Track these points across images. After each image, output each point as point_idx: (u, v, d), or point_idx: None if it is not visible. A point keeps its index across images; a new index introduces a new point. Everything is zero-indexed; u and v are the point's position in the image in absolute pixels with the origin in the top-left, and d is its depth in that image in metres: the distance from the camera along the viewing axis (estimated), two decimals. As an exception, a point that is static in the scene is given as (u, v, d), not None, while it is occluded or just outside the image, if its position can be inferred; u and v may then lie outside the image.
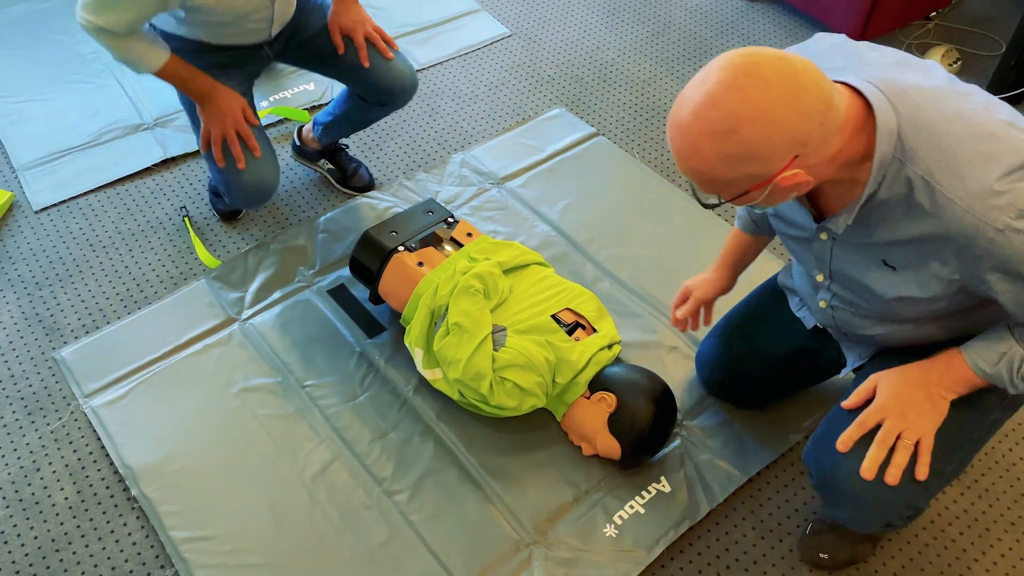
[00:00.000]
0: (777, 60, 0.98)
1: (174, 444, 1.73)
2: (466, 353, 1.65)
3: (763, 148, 0.99)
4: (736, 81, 0.97)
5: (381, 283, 1.86)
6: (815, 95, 0.99)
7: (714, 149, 1.00)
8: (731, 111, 0.97)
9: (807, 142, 1.00)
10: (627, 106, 2.53)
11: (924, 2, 2.72)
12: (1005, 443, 1.77)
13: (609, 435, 1.65)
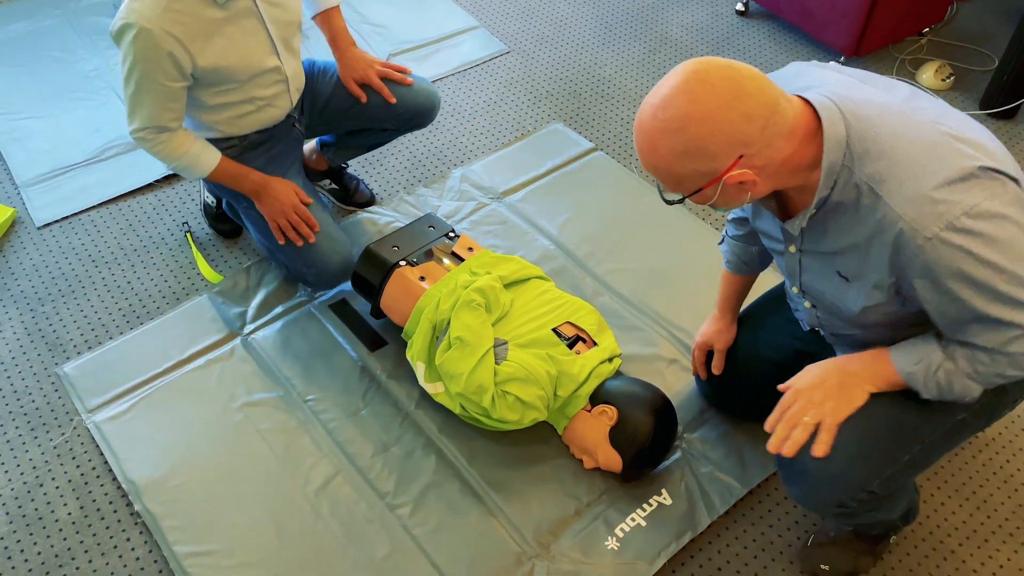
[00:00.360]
0: (725, 68, 1.09)
1: (177, 459, 1.74)
2: (468, 367, 1.66)
3: (709, 146, 1.09)
4: (687, 85, 1.08)
5: (383, 297, 1.87)
6: (758, 100, 1.08)
7: (667, 146, 1.11)
8: (681, 111, 1.08)
9: (750, 143, 1.09)
10: (625, 121, 2.55)
11: (917, 18, 2.75)
12: (1003, 454, 1.78)
13: (610, 448, 1.66)
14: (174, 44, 1.65)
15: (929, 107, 1.17)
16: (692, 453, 1.76)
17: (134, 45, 1.64)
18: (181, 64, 1.68)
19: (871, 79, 1.23)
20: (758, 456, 1.75)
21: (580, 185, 2.35)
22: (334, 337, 1.97)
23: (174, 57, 1.66)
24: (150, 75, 1.67)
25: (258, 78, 1.82)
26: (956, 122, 1.15)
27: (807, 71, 1.26)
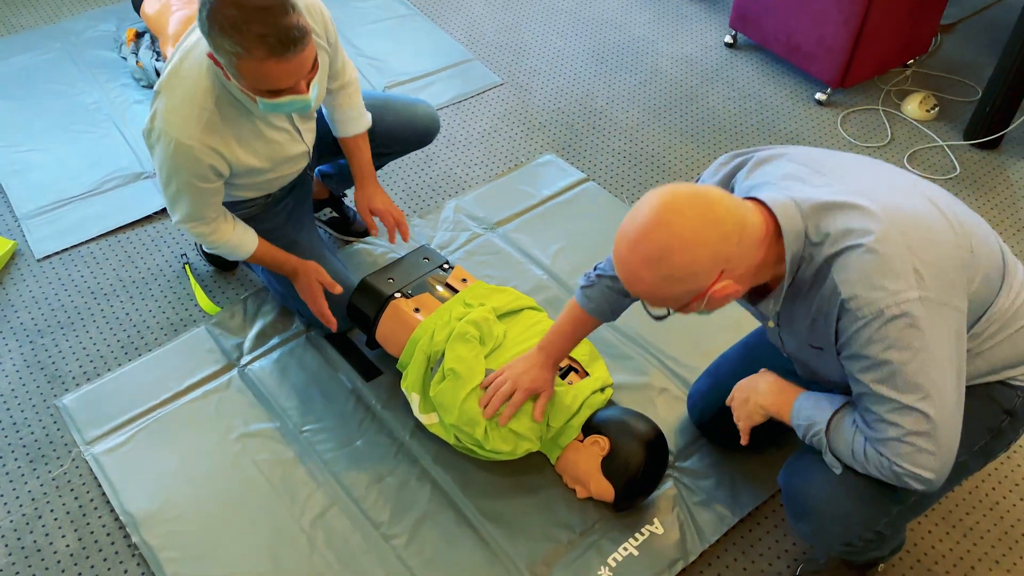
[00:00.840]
0: (692, 195, 1.15)
1: (174, 491, 1.76)
2: (460, 398, 1.69)
3: (692, 269, 1.15)
4: (660, 217, 1.14)
5: (378, 329, 1.90)
6: (729, 220, 1.15)
7: (651, 275, 1.16)
8: (660, 243, 1.14)
9: (729, 259, 1.16)
10: (617, 152, 2.60)
11: (902, 50, 2.81)
12: (988, 482, 1.81)
13: (602, 478, 1.68)
14: (214, 156, 1.66)
15: (879, 189, 1.23)
16: (683, 482, 1.79)
17: (173, 158, 1.64)
18: (220, 171, 1.70)
19: (820, 160, 1.29)
20: (749, 485, 1.78)
21: (572, 215, 2.39)
22: (330, 367, 1.99)
23: (214, 167, 1.68)
24: (190, 182, 1.68)
25: (287, 162, 1.85)
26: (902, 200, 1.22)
27: (756, 170, 1.31)
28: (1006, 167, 2.57)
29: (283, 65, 1.48)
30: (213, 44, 1.48)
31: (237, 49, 1.46)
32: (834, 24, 2.61)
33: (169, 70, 1.66)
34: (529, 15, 3.15)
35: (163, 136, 1.63)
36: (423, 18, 3.09)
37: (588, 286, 1.62)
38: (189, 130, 1.62)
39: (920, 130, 2.69)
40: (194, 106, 1.61)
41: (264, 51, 1.45)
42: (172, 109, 1.62)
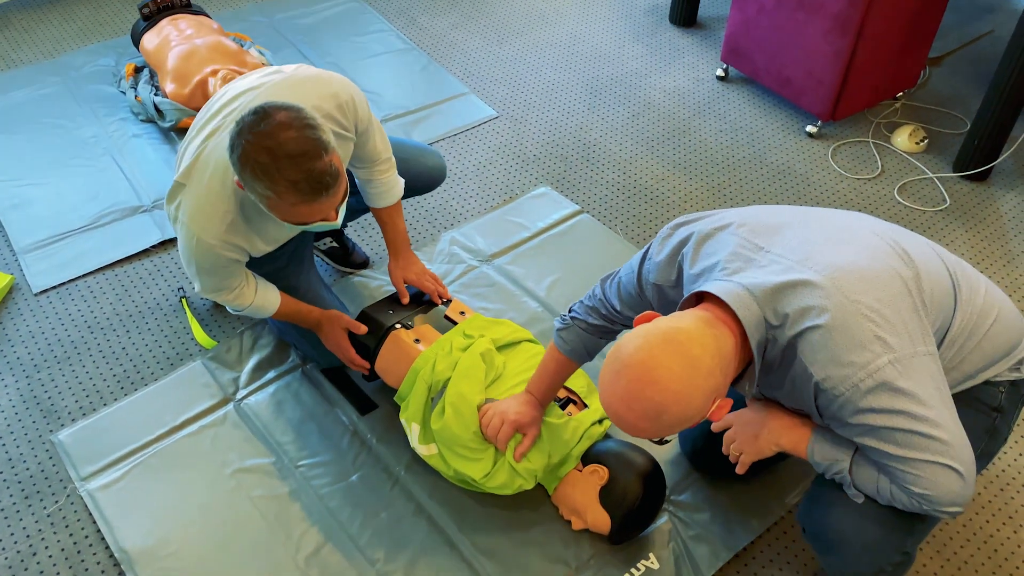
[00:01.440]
0: (667, 344, 1.15)
1: (169, 527, 1.76)
2: (463, 436, 1.70)
3: (690, 412, 1.16)
4: (649, 375, 1.14)
5: (378, 360, 1.91)
6: (706, 357, 1.16)
7: (651, 427, 1.18)
8: (655, 401, 1.14)
9: (718, 389, 1.19)
10: (610, 184, 2.62)
11: (891, 83, 2.85)
12: (982, 515, 1.82)
13: (600, 508, 1.68)
14: (235, 251, 1.68)
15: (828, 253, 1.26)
16: (678, 516, 1.79)
17: (195, 250, 1.66)
18: (241, 259, 1.73)
19: (759, 227, 1.31)
20: (744, 519, 1.78)
21: (567, 247, 2.41)
22: (326, 401, 2.00)
23: (235, 259, 1.70)
24: (212, 270, 1.71)
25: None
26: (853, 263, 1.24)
27: (700, 249, 1.33)
28: (995, 199, 2.60)
29: (313, 207, 1.50)
30: (243, 181, 1.49)
31: (268, 193, 1.47)
32: (824, 58, 2.65)
33: (192, 159, 1.65)
34: (523, 50, 3.19)
35: (185, 229, 1.65)
36: (420, 52, 3.13)
37: (563, 328, 1.63)
38: (212, 230, 1.63)
39: (910, 162, 2.72)
40: (217, 209, 1.62)
41: (296, 197, 1.46)
42: (196, 208, 1.63)
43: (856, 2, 2.49)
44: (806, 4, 2.61)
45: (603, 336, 1.62)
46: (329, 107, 1.68)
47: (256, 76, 1.75)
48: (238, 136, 1.46)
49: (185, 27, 2.80)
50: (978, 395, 1.40)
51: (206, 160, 1.64)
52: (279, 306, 1.88)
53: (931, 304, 1.27)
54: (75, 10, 3.32)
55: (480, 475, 1.70)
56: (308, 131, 1.46)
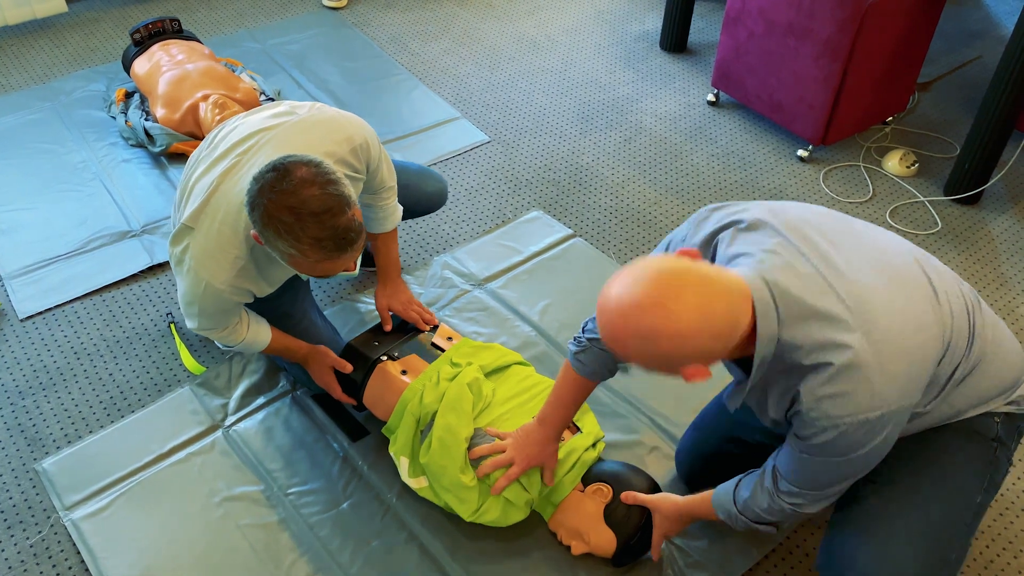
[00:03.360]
0: (699, 284, 1.11)
1: (155, 558, 1.72)
2: (455, 463, 1.67)
3: (676, 357, 1.12)
4: (661, 297, 1.09)
5: (366, 394, 1.88)
6: (724, 321, 1.12)
7: (636, 347, 1.13)
8: (653, 325, 1.10)
9: (712, 356, 1.14)
10: (602, 208, 2.62)
11: (881, 108, 2.87)
12: (982, 539, 1.80)
13: (605, 527, 1.65)
14: (243, 295, 1.67)
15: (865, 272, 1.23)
16: (675, 543, 1.76)
17: (202, 295, 1.64)
18: (246, 301, 1.71)
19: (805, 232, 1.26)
20: (741, 546, 1.75)
21: (559, 271, 2.39)
22: (316, 428, 1.97)
23: (240, 303, 1.69)
24: (214, 314, 1.70)
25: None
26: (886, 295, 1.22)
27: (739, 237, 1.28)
28: (987, 222, 2.61)
29: (337, 262, 1.49)
30: (265, 239, 1.47)
31: (291, 251, 1.46)
32: (814, 83, 2.66)
33: (201, 203, 1.62)
34: (515, 75, 3.20)
35: (193, 275, 1.63)
36: (412, 78, 3.14)
37: (580, 351, 1.60)
38: (222, 276, 1.61)
39: (901, 186, 2.73)
40: (228, 255, 1.60)
41: (320, 255, 1.46)
42: (205, 253, 1.61)
43: (846, 28, 2.51)
44: (796, 30, 2.63)
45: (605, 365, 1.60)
46: (343, 152, 1.67)
47: (268, 114, 1.71)
48: (258, 195, 1.44)
49: (176, 52, 2.80)
50: (975, 427, 1.39)
51: (216, 204, 1.61)
52: (270, 341, 1.87)
53: (949, 359, 1.28)
54: (66, 35, 3.32)
55: (468, 514, 1.67)
56: (330, 187, 1.44)
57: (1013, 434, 1.42)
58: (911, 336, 1.20)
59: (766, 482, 1.40)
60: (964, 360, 1.32)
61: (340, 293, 2.32)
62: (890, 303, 1.20)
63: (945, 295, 1.29)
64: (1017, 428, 1.43)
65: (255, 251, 1.64)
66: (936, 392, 1.32)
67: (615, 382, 2.08)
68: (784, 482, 1.37)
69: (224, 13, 3.52)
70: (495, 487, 1.66)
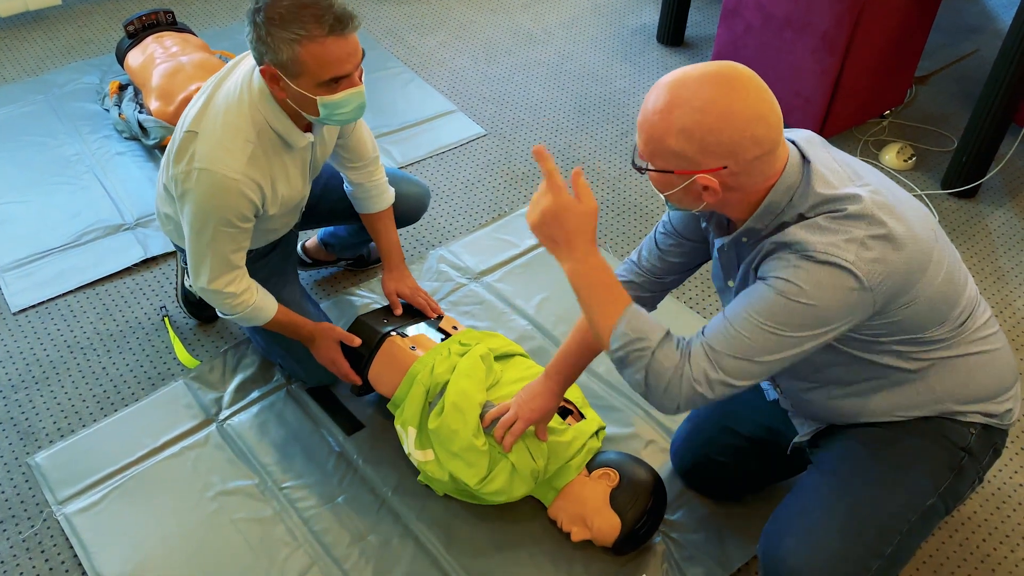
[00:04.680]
0: (764, 89, 1.17)
1: (149, 552, 1.70)
2: (469, 428, 1.65)
3: (710, 139, 1.14)
4: (731, 78, 1.15)
5: (372, 366, 1.86)
6: (771, 132, 1.16)
7: (679, 115, 1.15)
8: (711, 95, 1.14)
9: (739, 161, 1.16)
10: (599, 202, 2.61)
11: (878, 101, 2.86)
12: (979, 533, 1.79)
13: (610, 511, 1.65)
14: (255, 191, 1.64)
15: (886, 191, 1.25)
16: (672, 537, 1.76)
17: (214, 197, 1.61)
18: (256, 209, 1.68)
19: (857, 170, 1.29)
20: (738, 539, 1.75)
21: (556, 265, 2.38)
22: (311, 421, 1.96)
23: (253, 203, 1.66)
24: (225, 227, 1.65)
25: (295, 209, 1.84)
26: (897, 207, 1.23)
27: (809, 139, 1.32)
28: (984, 215, 2.61)
29: (342, 44, 1.54)
30: (272, 44, 1.51)
31: (298, 33, 1.49)
32: (811, 76, 2.65)
33: (200, 107, 1.64)
34: (511, 68, 3.19)
35: (203, 175, 1.60)
36: (408, 71, 3.12)
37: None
38: (234, 163, 1.60)
39: (898, 179, 2.73)
40: (238, 137, 1.61)
41: (323, 29, 1.51)
42: (215, 144, 1.60)
43: (843, 21, 2.50)
44: (793, 23, 2.62)
45: (645, 302, 1.58)
46: None
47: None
48: (256, 11, 1.51)
49: (170, 44, 2.78)
50: (946, 432, 1.38)
51: (216, 105, 1.64)
52: (275, 313, 1.83)
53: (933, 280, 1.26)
54: (59, 28, 3.30)
55: (475, 480, 1.65)
56: None
57: (987, 449, 1.41)
58: (916, 241, 1.21)
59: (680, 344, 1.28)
60: (945, 326, 1.30)
61: (336, 288, 2.31)
62: (904, 212, 1.22)
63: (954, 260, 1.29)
64: (993, 444, 1.41)
65: (263, 138, 1.63)
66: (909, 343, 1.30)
67: (611, 375, 2.07)
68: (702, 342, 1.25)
69: (218, 5, 3.50)
70: (504, 444, 1.65)
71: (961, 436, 1.38)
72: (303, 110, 1.61)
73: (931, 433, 1.38)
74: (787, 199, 1.21)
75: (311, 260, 2.31)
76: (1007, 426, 1.42)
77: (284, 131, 1.65)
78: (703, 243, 1.49)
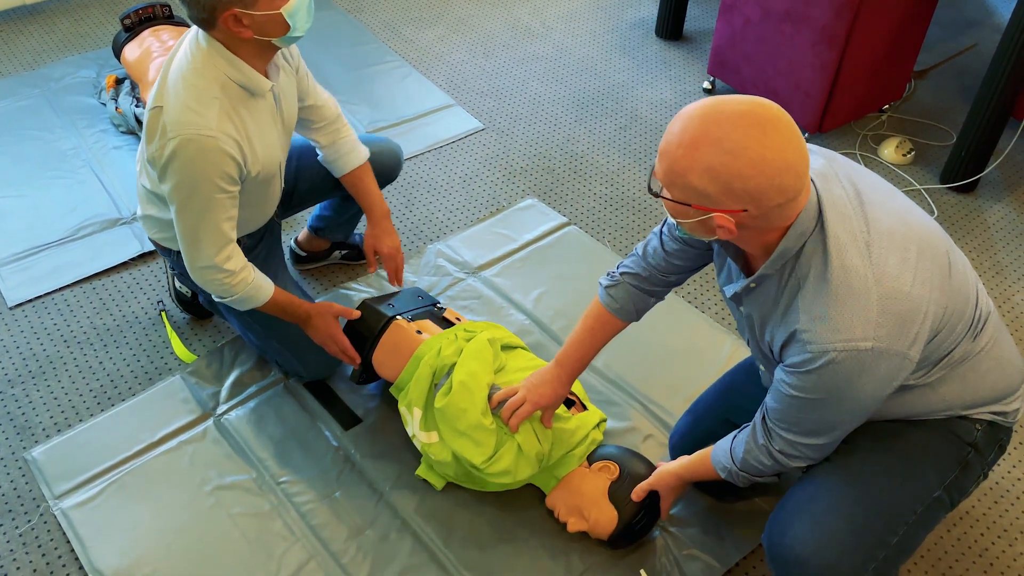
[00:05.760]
0: (797, 136, 1.12)
1: (146, 547, 1.70)
2: (477, 406, 1.65)
3: (736, 184, 1.11)
4: (762, 119, 1.10)
5: (378, 348, 1.86)
6: (797, 182, 1.12)
7: (707, 154, 1.11)
8: (743, 139, 1.09)
9: (761, 206, 1.13)
10: (597, 196, 2.60)
11: (877, 95, 2.85)
12: (976, 528, 1.79)
13: (608, 504, 1.65)
14: (234, 147, 1.62)
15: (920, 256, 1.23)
16: (670, 531, 1.75)
17: (195, 162, 1.58)
18: (240, 167, 1.65)
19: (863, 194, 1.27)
20: (736, 534, 1.75)
21: (554, 259, 2.38)
22: (308, 416, 1.95)
23: (236, 161, 1.63)
24: (213, 191, 1.62)
25: (272, 178, 1.80)
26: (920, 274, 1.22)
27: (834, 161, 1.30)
28: (982, 210, 2.60)
29: None
30: None
31: None
32: (810, 70, 2.65)
33: (156, 88, 1.63)
34: (510, 62, 3.18)
35: (180, 143, 1.57)
36: (406, 65, 3.11)
37: (612, 285, 1.58)
38: (206, 121, 1.57)
39: (897, 174, 2.72)
40: (203, 96, 1.59)
41: None
42: (182, 108, 1.58)
43: (842, 15, 2.49)
44: (792, 16, 2.61)
45: (653, 294, 1.58)
46: None
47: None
48: None
49: (167, 38, 2.76)
50: (954, 428, 1.39)
51: (172, 77, 1.62)
52: (272, 294, 1.80)
53: (946, 335, 1.27)
54: (56, 21, 3.28)
55: (481, 459, 1.64)
56: None
57: (992, 445, 1.42)
58: (915, 285, 1.20)
59: (759, 439, 1.39)
60: (960, 345, 1.31)
61: (332, 281, 2.30)
62: (904, 250, 1.21)
63: (961, 275, 1.29)
64: (999, 440, 1.42)
65: (228, 91, 1.62)
66: (928, 367, 1.31)
67: (609, 370, 2.07)
68: (775, 429, 1.35)
69: (216, -1, 3.48)
70: (510, 425, 1.65)
71: (968, 432, 1.38)
72: (272, 35, 1.58)
73: (938, 428, 1.38)
74: (799, 245, 1.20)
75: (305, 253, 2.30)
76: (1013, 423, 1.43)
77: (245, 79, 1.63)
78: (709, 249, 1.49)
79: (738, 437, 1.47)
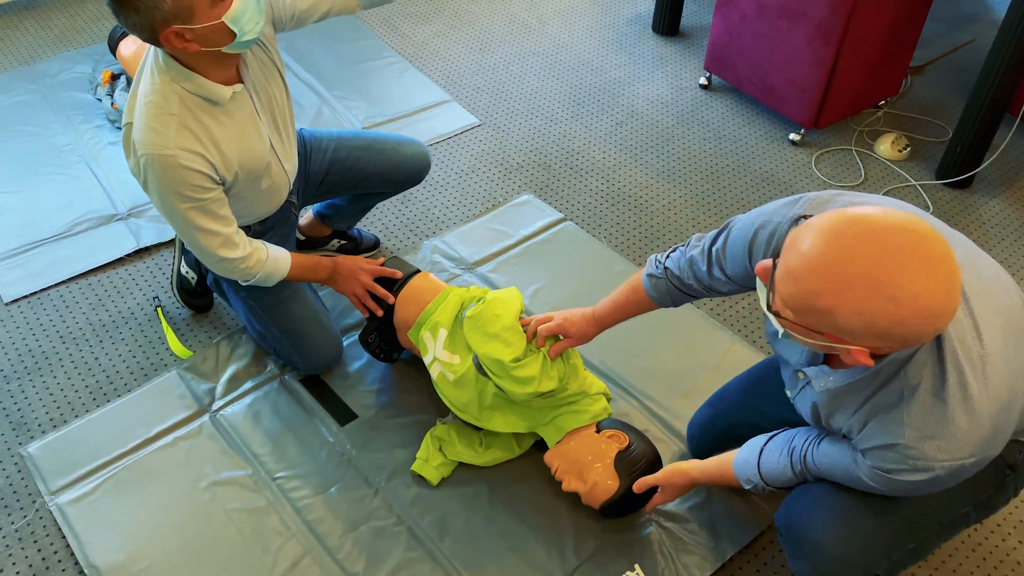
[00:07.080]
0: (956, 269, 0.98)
1: (142, 542, 1.70)
2: (510, 314, 1.69)
3: (895, 331, 0.97)
4: (935, 263, 0.95)
5: (406, 288, 1.90)
6: (945, 325, 1.00)
7: (863, 298, 0.96)
8: (908, 287, 0.94)
9: (908, 344, 1.01)
10: (594, 192, 2.60)
11: (873, 91, 2.85)
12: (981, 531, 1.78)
13: (612, 470, 1.66)
14: (197, 160, 1.62)
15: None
16: (665, 525, 1.76)
17: (162, 178, 1.61)
18: (211, 175, 1.66)
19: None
20: (731, 528, 1.75)
21: (550, 255, 2.38)
22: (304, 411, 1.95)
23: (203, 173, 1.64)
24: (187, 197, 1.64)
25: (263, 174, 1.81)
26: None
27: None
28: (978, 206, 2.60)
29: None
30: (148, 6, 1.44)
31: None
32: (806, 66, 2.65)
33: (127, 102, 1.66)
34: (506, 58, 3.18)
35: (147, 161, 1.60)
36: (403, 60, 3.11)
37: (655, 276, 1.55)
38: (164, 140, 1.59)
39: (893, 170, 2.72)
40: (160, 113, 1.60)
41: None
42: (144, 127, 1.60)
43: (839, 10, 2.49)
44: (789, 12, 2.61)
45: (694, 296, 1.54)
46: None
47: None
48: (114, 1, 1.49)
49: (163, 33, 2.76)
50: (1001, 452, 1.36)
51: (138, 94, 1.63)
52: (291, 261, 1.85)
53: None
54: (51, 17, 3.28)
55: (511, 357, 1.64)
56: None
57: None
58: (1018, 384, 1.16)
59: (795, 466, 1.39)
60: None
61: (329, 277, 2.30)
62: (1006, 351, 1.14)
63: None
64: None
65: (186, 104, 1.62)
66: None
67: (605, 365, 2.07)
68: (815, 468, 1.35)
69: (212, -5, 3.47)
70: (539, 333, 1.69)
71: (1011, 454, 1.35)
72: (219, 44, 1.55)
73: None
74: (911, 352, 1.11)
75: (304, 237, 2.30)
76: None
77: (202, 89, 1.62)
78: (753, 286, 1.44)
79: (765, 450, 1.45)
